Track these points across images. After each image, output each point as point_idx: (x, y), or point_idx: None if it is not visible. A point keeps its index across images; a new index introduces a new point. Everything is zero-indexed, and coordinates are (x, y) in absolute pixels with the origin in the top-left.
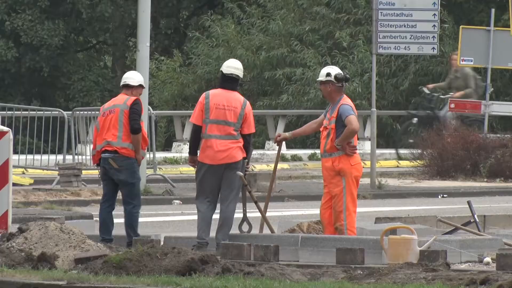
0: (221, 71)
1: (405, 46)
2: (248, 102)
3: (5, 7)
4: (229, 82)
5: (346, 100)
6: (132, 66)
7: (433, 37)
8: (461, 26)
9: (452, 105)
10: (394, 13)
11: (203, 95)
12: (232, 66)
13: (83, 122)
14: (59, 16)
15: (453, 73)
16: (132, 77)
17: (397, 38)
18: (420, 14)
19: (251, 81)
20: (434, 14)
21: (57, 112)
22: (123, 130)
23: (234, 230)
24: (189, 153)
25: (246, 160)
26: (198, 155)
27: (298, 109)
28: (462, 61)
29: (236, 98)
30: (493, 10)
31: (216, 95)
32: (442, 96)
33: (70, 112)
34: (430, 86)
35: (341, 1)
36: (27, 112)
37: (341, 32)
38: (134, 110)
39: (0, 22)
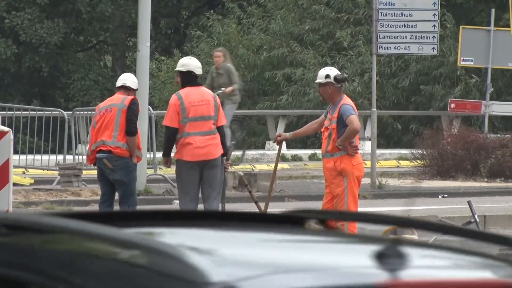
0: (179, 71)
1: (405, 46)
2: (215, 95)
3: (5, 5)
4: (194, 80)
5: (346, 100)
6: (132, 66)
7: (433, 37)
8: (461, 26)
9: (452, 105)
10: (394, 13)
11: (174, 96)
12: (188, 63)
13: (83, 122)
14: (59, 16)
15: (215, 70)
16: (131, 80)
17: (397, 38)
18: (420, 14)
19: (251, 81)
20: (434, 14)
21: (57, 112)
22: (118, 129)
23: None
24: (164, 155)
25: (225, 157)
26: (171, 156)
27: (299, 109)
28: (462, 61)
29: (206, 91)
30: (493, 10)
31: (188, 94)
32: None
33: (70, 112)
34: None
35: (341, 0)
36: (27, 112)
37: (341, 32)
38: (132, 112)
39: (0, 19)
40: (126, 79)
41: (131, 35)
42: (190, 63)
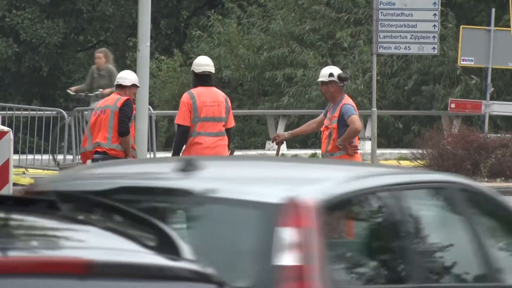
0: (192, 71)
1: (406, 46)
2: (227, 96)
3: (6, 4)
4: (205, 79)
5: (347, 100)
6: (133, 66)
7: (434, 37)
8: (461, 26)
9: (453, 105)
10: (394, 13)
11: (187, 95)
12: (203, 64)
13: (83, 122)
14: (60, 15)
15: (96, 71)
16: (125, 77)
17: (398, 38)
18: (421, 14)
19: (251, 81)
20: (435, 14)
21: (57, 112)
22: (112, 131)
23: None
24: (175, 154)
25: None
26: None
27: (299, 109)
28: (463, 61)
29: (218, 93)
30: (493, 10)
31: (200, 93)
32: (90, 94)
33: (70, 112)
34: (73, 88)
35: (341, 0)
36: (27, 112)
37: (342, 32)
38: (124, 112)
39: (0, 18)
40: (121, 76)
41: (131, 35)
42: (194, 62)
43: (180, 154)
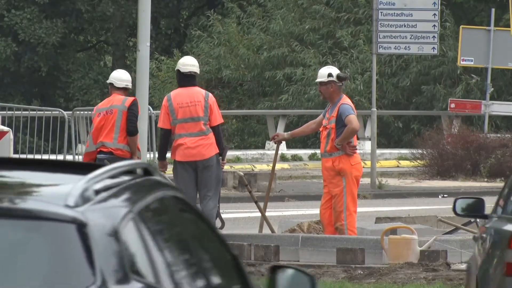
0: (178, 70)
1: (405, 46)
2: (210, 94)
3: (5, 3)
4: (187, 80)
5: (345, 100)
6: (132, 66)
7: (433, 37)
8: (461, 26)
9: (453, 105)
10: (394, 13)
11: (165, 98)
12: (189, 64)
13: (83, 121)
14: (60, 15)
15: None
16: (115, 77)
17: (397, 38)
18: (420, 14)
19: (251, 81)
20: (434, 14)
21: (57, 112)
22: (119, 131)
23: (235, 230)
24: (158, 158)
25: (221, 157)
26: (166, 159)
27: (299, 109)
28: (462, 61)
29: (197, 92)
30: (493, 10)
31: (177, 95)
32: None
33: (70, 112)
34: None
35: (341, 0)
36: (27, 112)
37: (342, 31)
38: (132, 112)
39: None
40: (125, 79)
41: (132, 35)
42: (179, 62)
43: (166, 157)
